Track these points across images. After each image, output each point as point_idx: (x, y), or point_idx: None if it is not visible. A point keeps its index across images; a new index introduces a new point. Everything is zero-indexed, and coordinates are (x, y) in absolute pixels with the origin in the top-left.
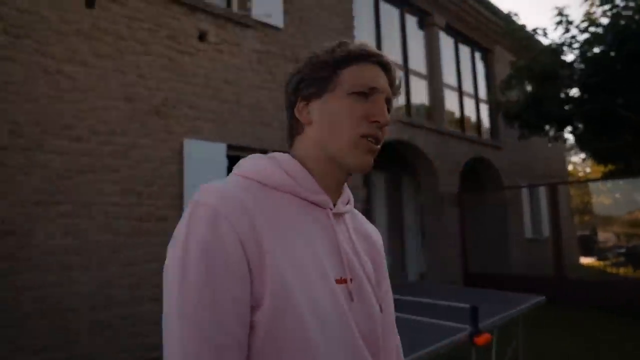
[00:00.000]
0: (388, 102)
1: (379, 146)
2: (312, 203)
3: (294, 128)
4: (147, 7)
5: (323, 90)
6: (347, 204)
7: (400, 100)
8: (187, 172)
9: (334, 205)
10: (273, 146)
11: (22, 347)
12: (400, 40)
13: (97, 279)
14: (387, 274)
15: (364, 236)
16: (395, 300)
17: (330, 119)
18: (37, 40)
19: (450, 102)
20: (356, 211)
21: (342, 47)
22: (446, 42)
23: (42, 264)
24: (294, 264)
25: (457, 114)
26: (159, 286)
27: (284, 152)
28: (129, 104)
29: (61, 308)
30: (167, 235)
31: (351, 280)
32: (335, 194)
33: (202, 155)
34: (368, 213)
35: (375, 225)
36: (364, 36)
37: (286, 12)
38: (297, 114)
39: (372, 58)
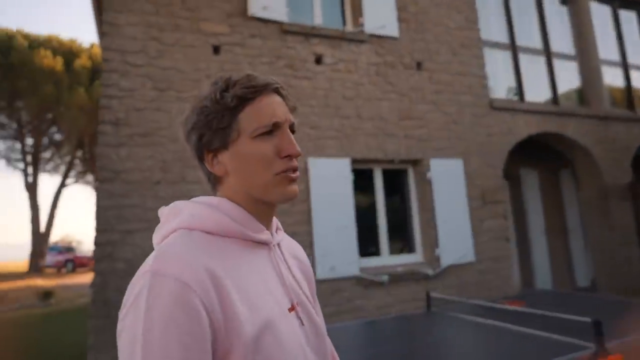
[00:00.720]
0: (292, 126)
1: (296, 173)
2: (256, 242)
3: (211, 178)
4: (265, 43)
5: (227, 142)
6: (277, 231)
7: (542, 91)
8: (313, 189)
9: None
10: (399, 155)
11: None
12: (538, 22)
13: None
14: (314, 285)
15: (294, 256)
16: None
17: (243, 167)
18: (176, 89)
19: (611, 80)
20: (281, 232)
21: (229, 91)
22: (599, 12)
23: None
24: (259, 311)
25: (621, 93)
26: None
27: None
28: None
29: None
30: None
31: (297, 304)
32: (269, 225)
33: (327, 172)
34: (520, 217)
35: (531, 229)
36: (492, 29)
37: (400, 20)
38: (209, 168)
39: (262, 90)
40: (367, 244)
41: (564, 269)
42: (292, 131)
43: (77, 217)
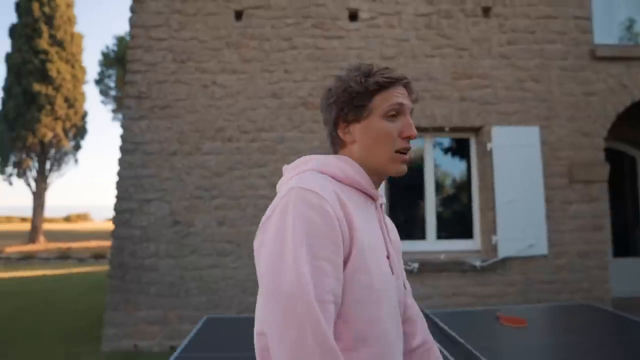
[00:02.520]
0: (411, 112)
1: (408, 154)
2: (369, 196)
3: (337, 143)
4: (291, 2)
5: (361, 116)
6: (381, 196)
7: None
8: None
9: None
10: (449, 122)
11: (185, 317)
12: None
13: (247, 267)
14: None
15: (389, 223)
16: None
17: (370, 140)
18: (196, 60)
19: None
20: None
21: (371, 78)
22: None
23: (201, 249)
24: (369, 241)
25: None
26: None
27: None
28: (276, 100)
29: (216, 288)
30: None
31: (388, 257)
32: (377, 189)
33: None
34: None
35: None
36: None
37: None
38: (340, 135)
39: (396, 81)
40: (413, 226)
41: None
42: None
43: None
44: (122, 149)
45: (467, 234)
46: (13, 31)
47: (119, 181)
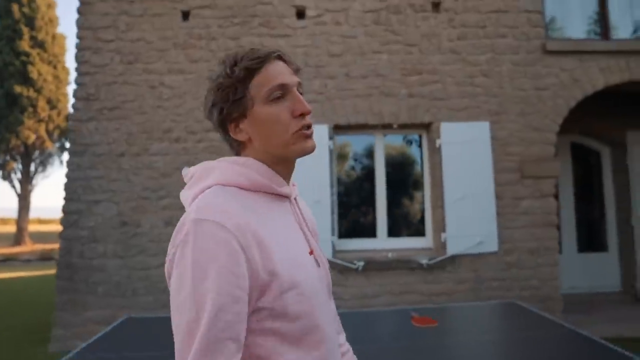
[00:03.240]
0: (299, 87)
1: (311, 129)
2: (280, 195)
3: (235, 146)
4: (238, 1)
5: (244, 110)
6: (292, 187)
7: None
8: None
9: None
10: (398, 119)
11: (140, 314)
12: None
13: None
14: (318, 238)
15: (304, 207)
16: None
17: (263, 130)
18: (144, 61)
19: None
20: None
21: (238, 65)
22: None
23: (148, 249)
24: (287, 252)
25: None
26: None
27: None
28: None
29: (163, 288)
30: None
31: (312, 252)
32: (288, 179)
33: None
34: (623, 196)
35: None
36: None
37: None
38: (234, 136)
39: (265, 59)
40: (363, 225)
41: None
42: (300, 92)
43: None
44: (70, 150)
45: (421, 232)
46: None
47: (67, 183)
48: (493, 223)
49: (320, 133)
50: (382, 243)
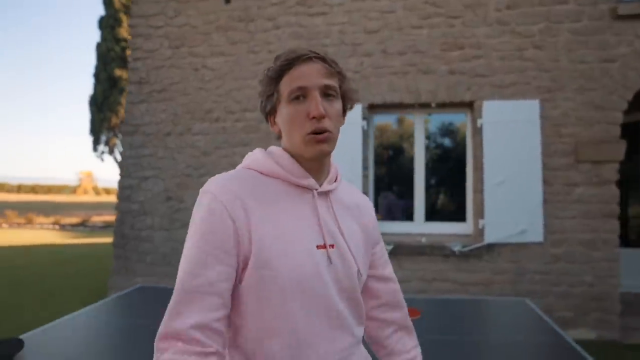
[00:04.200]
0: (328, 88)
1: (325, 134)
2: (300, 186)
3: (277, 136)
4: None
5: (274, 105)
6: (334, 182)
7: None
8: None
9: (321, 185)
10: (436, 97)
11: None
12: None
13: None
14: (379, 233)
15: (355, 205)
16: None
17: (284, 127)
18: (189, 45)
19: None
20: (348, 185)
21: (275, 62)
22: None
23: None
24: (277, 235)
25: None
26: None
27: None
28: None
29: None
30: None
31: (331, 246)
32: (320, 175)
33: None
34: None
35: None
36: None
37: None
38: (271, 128)
39: (295, 60)
40: (406, 208)
41: None
42: (328, 94)
43: None
44: (123, 131)
45: (462, 217)
46: (100, 23)
47: (121, 160)
48: (539, 210)
49: (354, 113)
50: (419, 227)
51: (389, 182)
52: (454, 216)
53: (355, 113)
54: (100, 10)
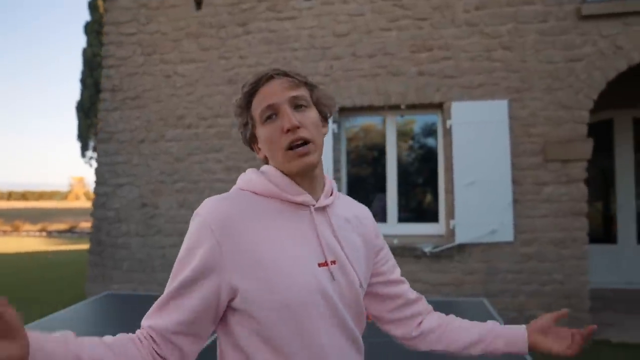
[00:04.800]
0: (296, 99)
1: (306, 145)
2: (296, 203)
3: (264, 161)
4: None
5: (252, 132)
6: (330, 195)
7: None
8: None
9: (317, 200)
10: (405, 99)
11: (151, 292)
12: None
13: None
14: (382, 240)
15: (353, 217)
16: None
17: (266, 150)
18: (160, 52)
19: None
20: (344, 197)
21: (242, 91)
22: None
23: (164, 230)
24: (276, 256)
25: None
26: None
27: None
28: (231, 86)
29: None
30: None
31: (333, 262)
32: (315, 191)
33: None
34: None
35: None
36: None
37: None
38: (258, 156)
39: (258, 82)
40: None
41: None
42: (298, 105)
43: None
44: (99, 138)
45: (434, 219)
46: (86, 28)
47: (97, 167)
48: (509, 210)
49: None
50: (392, 229)
51: (363, 184)
52: (427, 217)
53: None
54: (86, 16)
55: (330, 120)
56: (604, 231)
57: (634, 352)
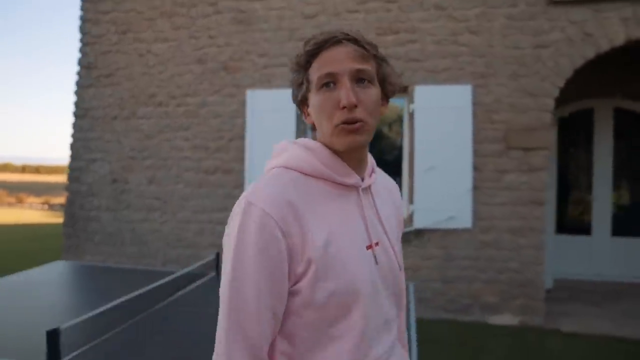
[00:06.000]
0: (360, 72)
1: (357, 124)
2: (344, 184)
3: (311, 127)
4: None
5: (305, 94)
6: (371, 173)
7: None
8: (250, 125)
9: (363, 179)
10: None
11: (120, 264)
12: None
13: (171, 222)
14: (402, 226)
15: (387, 192)
16: None
17: (315, 117)
18: (135, 31)
19: None
20: (378, 169)
21: (304, 47)
22: None
23: (134, 205)
24: (332, 242)
25: None
26: (219, 235)
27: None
28: (201, 65)
29: (145, 240)
30: (232, 187)
31: (377, 244)
32: (361, 170)
33: (269, 105)
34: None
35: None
36: None
37: None
38: (304, 118)
39: (323, 44)
40: None
41: None
42: (361, 79)
43: None
44: (74, 114)
45: None
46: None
47: (72, 143)
48: (468, 197)
49: (287, 97)
50: None
51: None
52: None
53: (289, 98)
54: None
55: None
56: (578, 222)
57: (578, 341)
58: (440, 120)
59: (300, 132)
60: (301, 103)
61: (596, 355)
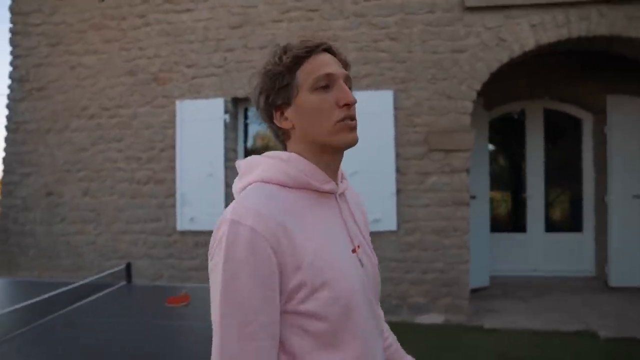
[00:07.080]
0: (347, 79)
1: (354, 121)
2: (322, 192)
3: (281, 135)
4: None
5: (290, 98)
6: (342, 180)
7: None
8: (179, 135)
9: (338, 185)
10: None
11: (58, 277)
12: None
13: (106, 233)
14: (369, 230)
15: (355, 196)
16: None
17: (307, 119)
18: (65, 43)
19: None
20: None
21: (287, 53)
22: None
23: (69, 218)
24: (322, 253)
25: None
26: (154, 245)
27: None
28: (132, 77)
29: (80, 252)
30: (164, 197)
31: (358, 247)
32: (336, 176)
33: (199, 115)
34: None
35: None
36: None
37: None
38: (278, 124)
39: (314, 49)
40: None
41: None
42: (348, 86)
43: None
44: (7, 128)
45: None
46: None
47: (5, 157)
48: (392, 200)
49: (216, 107)
50: None
51: None
52: None
53: (217, 107)
54: None
55: (222, 111)
56: (514, 220)
57: (496, 336)
58: (363, 125)
59: (230, 140)
60: (277, 107)
61: (508, 347)
